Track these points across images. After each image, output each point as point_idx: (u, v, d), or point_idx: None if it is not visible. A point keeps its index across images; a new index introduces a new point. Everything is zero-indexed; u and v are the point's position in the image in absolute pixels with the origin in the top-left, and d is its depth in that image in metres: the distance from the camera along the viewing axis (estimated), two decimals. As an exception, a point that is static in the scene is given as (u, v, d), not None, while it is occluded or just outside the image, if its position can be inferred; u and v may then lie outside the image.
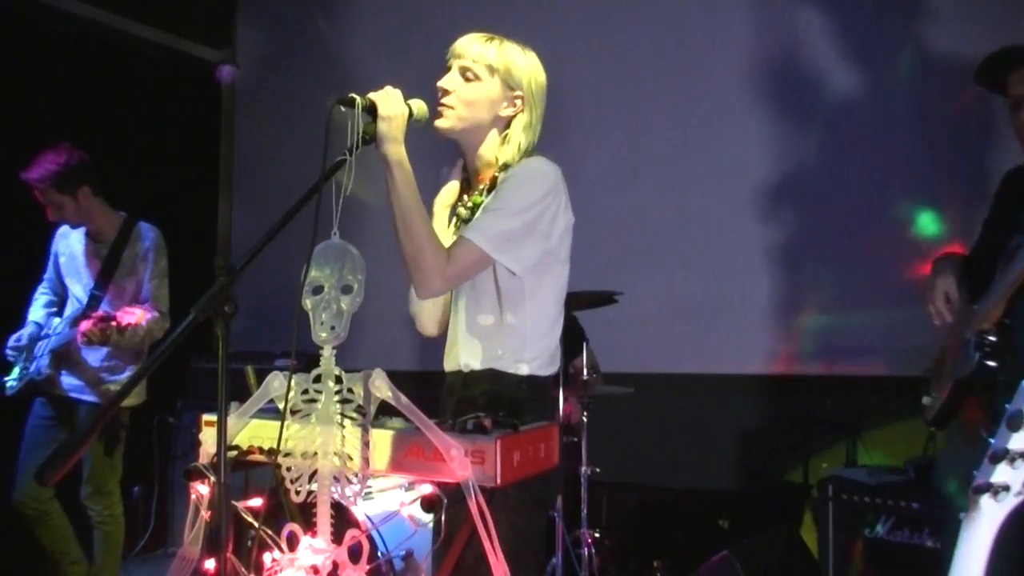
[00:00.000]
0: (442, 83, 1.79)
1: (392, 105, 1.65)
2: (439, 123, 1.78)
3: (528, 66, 1.81)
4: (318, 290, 1.56)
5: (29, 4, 4.26)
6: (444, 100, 1.79)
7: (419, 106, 1.73)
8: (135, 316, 2.99)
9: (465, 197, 1.87)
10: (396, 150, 1.65)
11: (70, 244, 3.36)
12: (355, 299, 1.54)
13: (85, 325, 2.98)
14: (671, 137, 3.99)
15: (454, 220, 1.88)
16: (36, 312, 3.38)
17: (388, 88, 1.68)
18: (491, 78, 1.78)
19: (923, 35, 3.49)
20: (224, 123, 5.38)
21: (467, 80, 1.78)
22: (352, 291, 1.55)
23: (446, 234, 1.86)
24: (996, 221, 2.23)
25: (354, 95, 1.63)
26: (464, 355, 1.81)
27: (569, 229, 1.79)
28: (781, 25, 3.78)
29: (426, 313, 1.97)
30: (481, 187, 1.83)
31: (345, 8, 4.99)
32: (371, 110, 1.64)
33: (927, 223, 3.46)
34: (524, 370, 1.77)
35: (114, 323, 2.95)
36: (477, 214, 1.78)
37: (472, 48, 1.78)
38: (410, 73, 1.94)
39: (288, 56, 5.20)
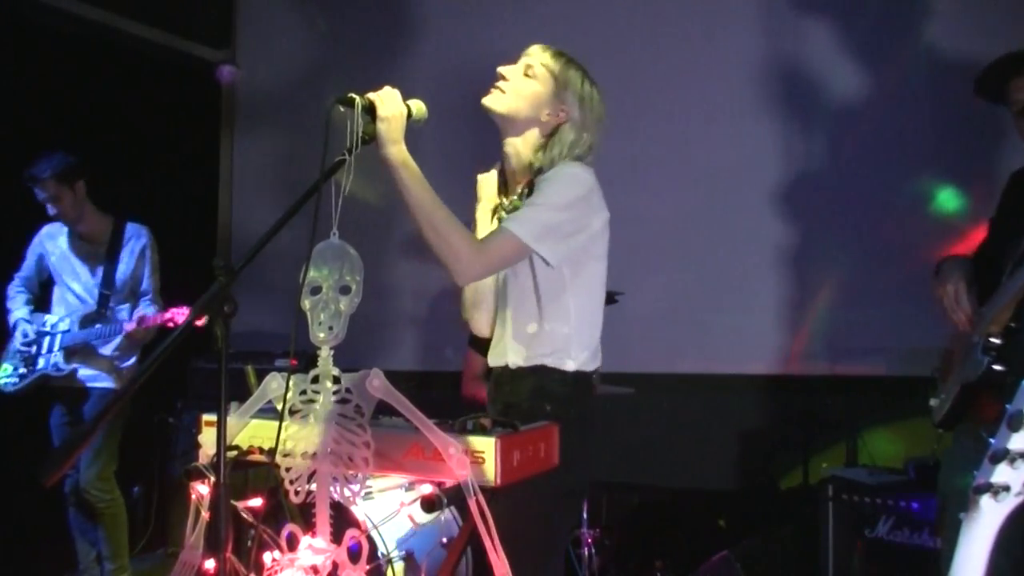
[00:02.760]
0: (503, 69, 1.89)
1: (391, 106, 1.66)
2: (485, 100, 1.86)
3: (588, 94, 1.88)
4: (316, 290, 1.56)
5: (28, 4, 4.26)
6: (498, 83, 1.87)
7: (418, 106, 1.74)
8: (183, 315, 3.18)
9: (505, 200, 1.94)
10: (398, 151, 1.67)
11: (59, 244, 3.49)
12: (353, 300, 1.54)
13: (130, 327, 3.21)
14: (671, 137, 3.98)
15: (496, 223, 1.92)
16: (20, 310, 3.48)
17: (387, 88, 1.69)
18: (547, 80, 1.86)
19: (929, 31, 3.47)
20: (224, 123, 5.37)
21: (526, 75, 1.87)
22: (350, 292, 1.55)
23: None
24: (1003, 221, 2.22)
25: (353, 95, 1.63)
26: (510, 352, 1.86)
27: (605, 228, 1.84)
28: (782, 22, 3.76)
29: (482, 316, 2.01)
30: (520, 190, 1.90)
31: (346, 8, 4.98)
32: (370, 110, 1.64)
33: (947, 201, 3.42)
34: (571, 366, 1.81)
35: (171, 324, 3.17)
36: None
37: (543, 54, 1.89)
38: (410, 73, 1.94)
39: (288, 56, 5.19)
